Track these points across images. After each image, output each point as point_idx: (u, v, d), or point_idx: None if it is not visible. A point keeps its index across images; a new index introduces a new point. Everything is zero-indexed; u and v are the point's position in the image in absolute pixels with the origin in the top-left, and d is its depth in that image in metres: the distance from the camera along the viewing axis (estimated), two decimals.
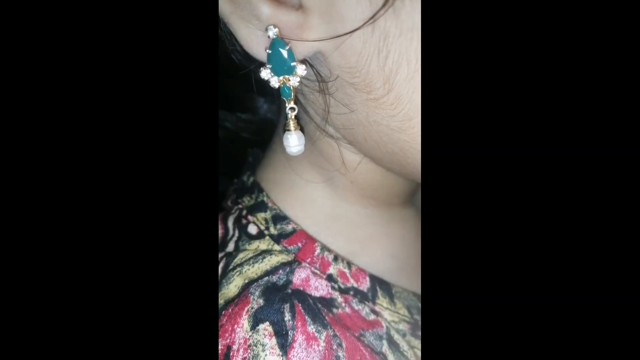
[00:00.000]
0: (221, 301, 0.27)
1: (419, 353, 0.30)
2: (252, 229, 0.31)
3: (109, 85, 0.19)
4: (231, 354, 0.24)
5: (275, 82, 0.25)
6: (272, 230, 0.31)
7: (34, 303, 0.17)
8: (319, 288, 0.29)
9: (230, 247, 0.31)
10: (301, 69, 0.24)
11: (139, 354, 0.18)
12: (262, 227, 0.31)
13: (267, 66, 0.24)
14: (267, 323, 0.25)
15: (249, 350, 0.24)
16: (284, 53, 0.23)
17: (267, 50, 0.23)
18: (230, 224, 0.33)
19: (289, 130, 0.28)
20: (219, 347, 0.25)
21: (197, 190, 0.20)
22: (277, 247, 0.30)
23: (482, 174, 0.17)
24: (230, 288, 0.28)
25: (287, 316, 0.26)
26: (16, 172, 0.17)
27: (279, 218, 0.31)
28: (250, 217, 0.32)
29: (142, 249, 0.19)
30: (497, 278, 0.17)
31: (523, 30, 0.17)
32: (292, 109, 0.27)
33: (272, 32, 0.22)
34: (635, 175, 0.16)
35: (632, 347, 0.16)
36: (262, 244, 0.31)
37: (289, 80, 0.25)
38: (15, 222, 0.17)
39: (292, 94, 0.26)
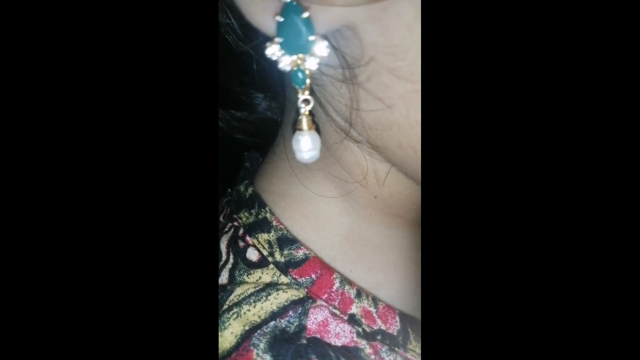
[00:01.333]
0: None
1: None
2: (252, 254, 0.25)
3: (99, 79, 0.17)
4: None
5: (285, 62, 0.18)
6: (278, 257, 0.25)
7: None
8: (340, 335, 0.23)
9: (224, 277, 0.25)
10: (322, 47, 0.18)
11: None
12: (265, 253, 0.25)
13: (276, 40, 0.18)
14: None
15: None
16: (301, 23, 0.17)
17: (278, 18, 0.17)
18: (223, 246, 0.26)
19: (300, 129, 0.21)
20: None
21: (193, 203, 0.17)
22: (284, 279, 0.24)
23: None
24: (225, 336, 0.22)
25: None
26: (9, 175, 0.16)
27: (287, 241, 0.25)
28: (249, 239, 0.26)
29: (129, 276, 0.17)
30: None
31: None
32: (306, 101, 0.21)
33: None
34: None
35: None
36: (266, 275, 0.24)
37: (305, 61, 0.18)
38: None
39: (308, 82, 0.19)
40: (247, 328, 0.22)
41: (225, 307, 0.23)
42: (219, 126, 0.35)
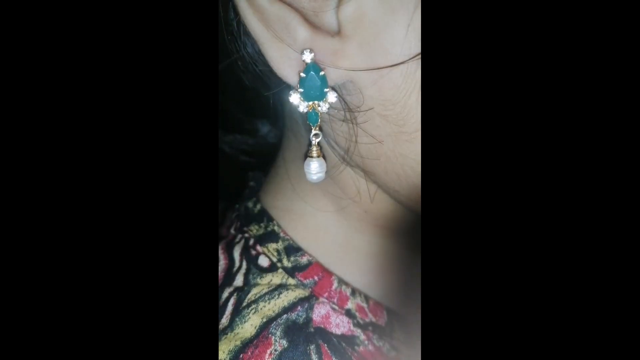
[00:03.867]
0: (237, 342, 0.25)
1: None
2: (263, 261, 0.29)
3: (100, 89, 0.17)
4: None
5: (303, 107, 0.23)
6: (286, 263, 0.29)
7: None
8: (340, 325, 0.27)
9: (239, 280, 0.29)
10: (332, 96, 0.23)
11: None
12: (275, 259, 0.29)
13: (298, 90, 0.23)
14: None
15: None
16: (319, 78, 0.22)
17: (301, 74, 0.22)
18: (236, 254, 0.30)
19: (311, 156, 0.26)
20: None
21: (195, 217, 0.18)
22: (292, 281, 0.28)
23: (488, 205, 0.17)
24: (246, 328, 0.26)
25: (315, 358, 0.24)
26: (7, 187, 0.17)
27: (292, 249, 0.30)
28: (259, 248, 0.30)
29: (136, 281, 0.17)
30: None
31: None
32: (316, 135, 0.26)
33: (308, 56, 0.21)
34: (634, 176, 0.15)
35: None
36: (276, 278, 0.29)
37: (319, 106, 0.23)
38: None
39: (319, 121, 0.25)
40: (264, 320, 0.26)
41: (244, 304, 0.27)
42: (225, 150, 0.39)
